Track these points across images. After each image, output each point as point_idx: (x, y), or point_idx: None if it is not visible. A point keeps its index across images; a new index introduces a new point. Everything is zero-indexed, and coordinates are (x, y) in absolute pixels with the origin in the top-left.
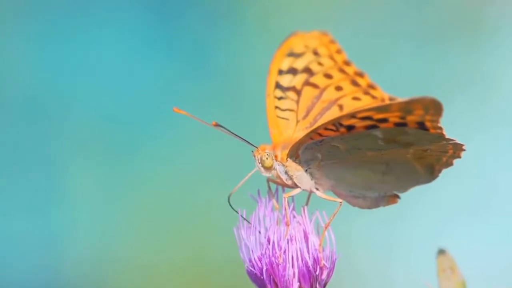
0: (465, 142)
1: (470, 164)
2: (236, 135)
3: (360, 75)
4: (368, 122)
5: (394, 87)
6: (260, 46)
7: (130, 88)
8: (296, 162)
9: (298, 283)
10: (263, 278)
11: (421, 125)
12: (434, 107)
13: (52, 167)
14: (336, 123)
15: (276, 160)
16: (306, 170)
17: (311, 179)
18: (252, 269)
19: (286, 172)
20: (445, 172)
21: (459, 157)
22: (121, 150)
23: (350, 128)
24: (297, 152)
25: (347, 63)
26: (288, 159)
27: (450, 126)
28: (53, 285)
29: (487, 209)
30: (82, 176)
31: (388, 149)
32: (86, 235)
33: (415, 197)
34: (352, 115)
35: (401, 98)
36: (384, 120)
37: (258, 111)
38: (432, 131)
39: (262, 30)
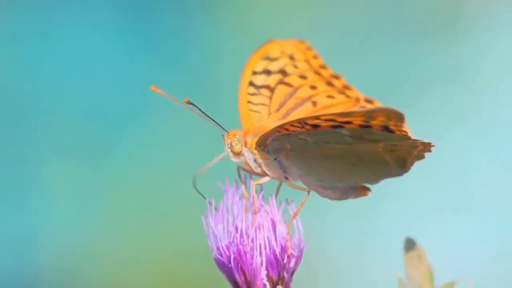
0: (439, 136)
1: (444, 157)
2: (207, 116)
3: (336, 77)
4: (332, 123)
5: (370, 83)
6: (235, 41)
7: (105, 85)
8: (264, 151)
9: (266, 271)
10: (231, 266)
11: (386, 128)
12: (395, 116)
13: (28, 163)
14: (301, 122)
15: (245, 147)
16: (275, 159)
17: (280, 168)
18: (220, 257)
19: (255, 160)
20: (419, 164)
21: (429, 151)
22: (97, 147)
23: (315, 126)
24: (265, 142)
25: (323, 66)
26: (257, 147)
27: (425, 121)
28: (29, 279)
29: (461, 202)
30: (58, 172)
31: (356, 144)
32: (62, 231)
33: (389, 189)
34: (316, 117)
35: (363, 108)
36: (348, 122)
37: (233, 106)
38: (397, 133)
39: (237, 25)
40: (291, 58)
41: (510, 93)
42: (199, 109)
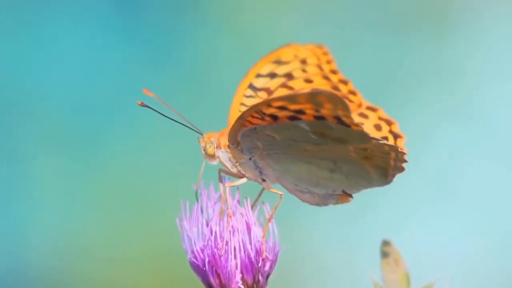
0: (429, 132)
1: (435, 155)
2: (178, 121)
3: (344, 82)
4: (287, 113)
5: (358, 79)
6: (226, 37)
7: (94, 79)
8: (238, 150)
9: (241, 275)
10: (206, 269)
11: (340, 121)
12: (339, 103)
13: (16, 157)
14: (259, 111)
15: (219, 148)
16: (250, 158)
17: (255, 169)
18: (195, 261)
19: (229, 159)
20: (411, 164)
21: (404, 161)
22: (85, 140)
23: (274, 118)
24: (236, 139)
25: (334, 71)
26: (230, 146)
27: (415, 117)
28: (16, 274)
29: (449, 202)
30: (46, 166)
31: (325, 144)
32: (50, 227)
33: (380, 191)
34: (268, 104)
35: (305, 91)
36: (301, 112)
37: (223, 102)
38: (353, 127)
39: (228, 21)
40: (303, 62)
41: (498, 89)
42: (177, 117)
